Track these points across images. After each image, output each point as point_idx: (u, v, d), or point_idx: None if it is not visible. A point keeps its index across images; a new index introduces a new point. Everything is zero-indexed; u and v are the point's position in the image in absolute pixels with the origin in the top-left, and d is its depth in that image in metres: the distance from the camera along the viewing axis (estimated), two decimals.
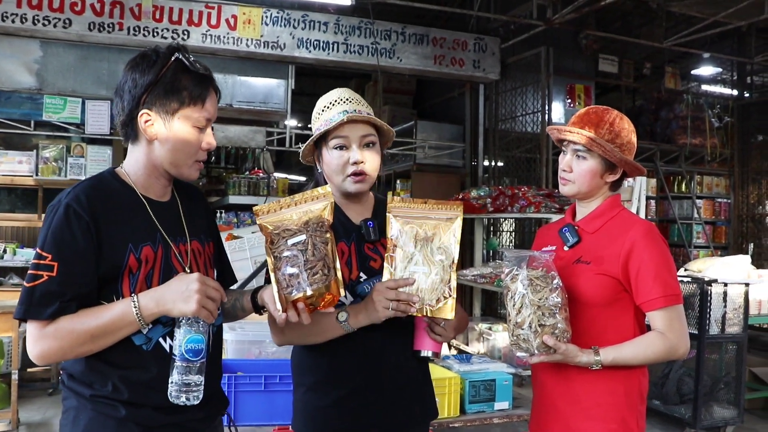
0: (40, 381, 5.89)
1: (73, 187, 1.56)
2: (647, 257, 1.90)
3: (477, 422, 3.32)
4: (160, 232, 1.61)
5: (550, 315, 1.81)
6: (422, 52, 7.59)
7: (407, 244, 1.79)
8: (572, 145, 2.02)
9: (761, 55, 8.74)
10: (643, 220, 2.04)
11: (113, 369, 1.53)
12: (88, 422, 1.53)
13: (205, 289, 1.48)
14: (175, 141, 1.59)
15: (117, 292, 1.53)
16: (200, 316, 1.48)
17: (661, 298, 1.88)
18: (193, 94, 1.59)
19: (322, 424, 1.90)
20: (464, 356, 3.73)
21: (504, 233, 8.32)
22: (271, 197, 7.42)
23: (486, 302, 8.19)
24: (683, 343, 1.90)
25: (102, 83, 6.85)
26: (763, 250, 9.45)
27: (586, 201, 2.08)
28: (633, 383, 1.96)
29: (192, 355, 1.49)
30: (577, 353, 1.85)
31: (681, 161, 9.36)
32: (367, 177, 1.90)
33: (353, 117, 1.86)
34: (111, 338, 1.49)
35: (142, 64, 1.59)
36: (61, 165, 7.11)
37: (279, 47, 6.99)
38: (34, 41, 6.57)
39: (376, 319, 1.75)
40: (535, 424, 2.12)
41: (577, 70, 8.59)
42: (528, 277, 1.84)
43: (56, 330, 1.45)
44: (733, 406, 5.16)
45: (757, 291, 5.55)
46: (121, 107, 1.61)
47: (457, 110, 9.09)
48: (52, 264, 1.46)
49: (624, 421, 1.93)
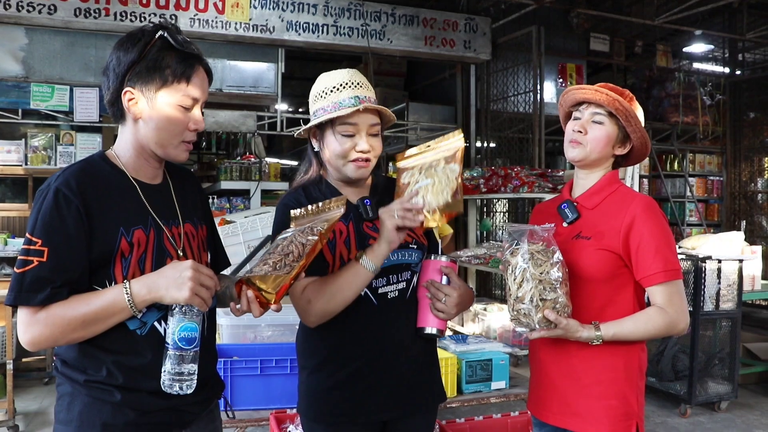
0: (35, 371, 5.87)
1: (62, 170, 1.53)
2: (647, 232, 1.89)
3: (474, 402, 3.33)
4: (151, 215, 1.59)
5: (551, 289, 1.80)
6: (413, 34, 7.53)
7: (413, 175, 1.85)
8: (593, 107, 1.98)
9: (753, 32, 8.71)
10: (643, 195, 2.01)
11: (107, 354, 1.51)
12: (83, 408, 1.52)
13: (199, 276, 1.46)
14: (158, 119, 1.57)
15: (109, 276, 1.50)
16: (193, 303, 1.45)
17: (661, 273, 1.87)
18: (176, 71, 1.56)
19: (326, 407, 1.89)
20: (460, 336, 3.73)
21: (497, 214, 8.31)
22: (263, 182, 7.39)
23: (480, 283, 8.21)
24: (683, 318, 1.89)
25: (90, 70, 6.77)
26: (755, 227, 9.49)
27: (588, 170, 2.05)
28: (633, 359, 1.95)
29: (185, 344, 1.47)
30: (578, 328, 1.84)
31: (673, 139, 9.36)
32: (370, 163, 1.89)
33: (369, 107, 1.85)
34: (103, 325, 1.46)
35: (127, 42, 1.57)
36: (51, 153, 7.05)
37: (268, 30, 6.93)
38: (19, 28, 6.48)
39: (391, 236, 1.73)
40: (534, 402, 2.11)
41: (569, 49, 8.57)
42: (529, 251, 1.83)
43: (47, 316, 1.43)
44: (727, 381, 5.19)
45: (751, 267, 5.58)
46: (107, 86, 1.59)
47: (449, 91, 9.05)
48: (42, 249, 1.43)
49: (624, 397, 1.92)
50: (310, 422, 1.94)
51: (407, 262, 1.92)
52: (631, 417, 1.93)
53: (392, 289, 1.89)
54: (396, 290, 1.90)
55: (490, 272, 7.59)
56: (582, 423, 1.94)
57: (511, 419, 3.39)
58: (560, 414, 1.99)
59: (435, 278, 1.88)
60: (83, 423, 1.51)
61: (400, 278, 1.90)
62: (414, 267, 1.94)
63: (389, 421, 1.93)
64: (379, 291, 1.87)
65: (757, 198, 9.70)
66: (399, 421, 1.94)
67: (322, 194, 1.93)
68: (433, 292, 1.86)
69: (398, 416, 1.92)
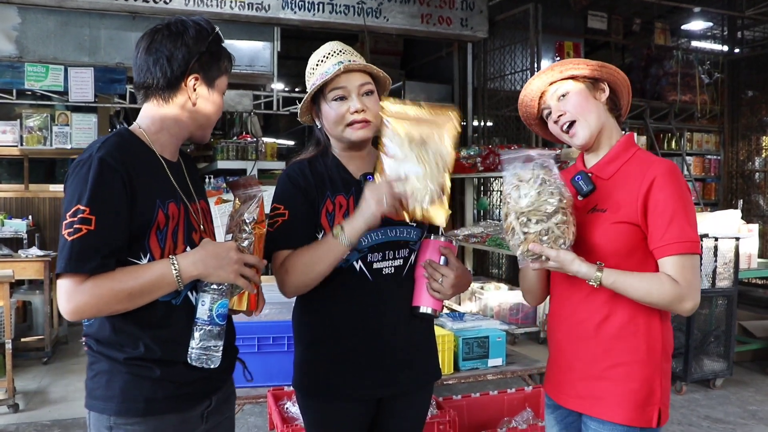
0: (34, 350, 5.89)
1: (98, 142, 1.55)
2: (663, 198, 1.74)
3: (471, 379, 3.35)
4: (178, 191, 1.66)
5: (539, 220, 1.70)
6: (409, 11, 7.48)
7: (402, 146, 1.75)
8: (549, 93, 1.91)
9: (752, 9, 8.64)
10: (663, 159, 1.83)
11: (142, 329, 1.56)
12: (123, 385, 1.55)
13: (243, 257, 1.57)
14: (215, 104, 1.71)
15: (144, 248, 1.55)
16: (238, 284, 1.57)
17: (674, 244, 1.72)
18: (226, 64, 1.72)
19: (320, 382, 1.89)
20: (457, 314, 3.74)
21: (494, 192, 8.31)
22: (259, 161, 7.37)
23: (477, 262, 8.23)
24: (692, 295, 1.72)
25: (84, 49, 6.72)
26: (752, 206, 9.49)
27: (602, 137, 1.90)
28: (655, 340, 1.81)
29: (221, 320, 1.56)
30: (573, 261, 1.72)
31: (671, 118, 9.33)
32: (370, 124, 1.87)
33: (349, 66, 1.84)
34: (147, 298, 1.51)
35: (192, 30, 1.64)
36: (46, 134, 7.03)
37: (263, 9, 6.87)
38: (12, 7, 6.43)
39: (371, 218, 1.72)
40: (551, 384, 2.00)
41: (566, 27, 8.51)
42: (515, 179, 1.73)
43: (93, 286, 1.45)
44: (722, 359, 5.23)
45: (747, 245, 5.59)
46: (165, 69, 1.62)
47: (446, 70, 9.01)
48: (90, 218, 1.45)
49: (646, 381, 1.79)
50: (304, 397, 1.95)
51: (405, 239, 1.91)
52: (653, 402, 1.79)
53: (387, 265, 1.88)
54: (392, 267, 1.89)
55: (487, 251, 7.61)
56: (600, 408, 1.82)
57: (507, 396, 3.42)
58: (577, 397, 1.87)
59: (433, 258, 1.88)
60: (126, 399, 1.55)
61: (396, 255, 1.90)
62: (412, 245, 1.93)
63: (384, 398, 1.93)
64: (374, 266, 1.87)
65: (755, 177, 9.69)
66: (394, 399, 1.94)
67: (326, 167, 1.92)
68: (431, 272, 1.86)
69: (393, 394, 1.93)
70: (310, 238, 1.84)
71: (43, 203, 7.22)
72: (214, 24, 1.72)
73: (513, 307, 6.38)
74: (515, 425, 3.22)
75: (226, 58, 1.72)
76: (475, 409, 3.33)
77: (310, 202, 1.86)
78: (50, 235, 7.11)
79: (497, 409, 3.38)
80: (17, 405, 4.57)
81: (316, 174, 1.89)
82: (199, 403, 1.67)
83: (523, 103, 2.00)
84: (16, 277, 5.27)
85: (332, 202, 1.87)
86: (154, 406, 1.56)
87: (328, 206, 1.86)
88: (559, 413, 1.98)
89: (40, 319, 6.08)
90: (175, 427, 1.61)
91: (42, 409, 4.62)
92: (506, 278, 7.87)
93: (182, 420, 1.63)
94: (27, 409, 4.61)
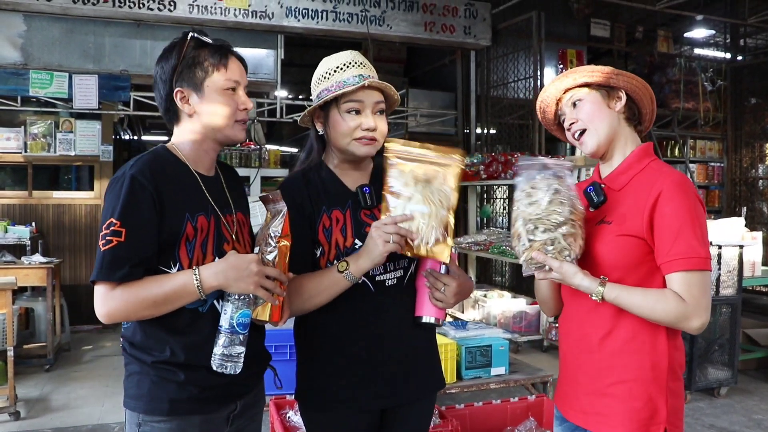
0: (36, 357, 5.88)
1: (134, 160, 1.68)
2: (670, 211, 1.68)
3: (474, 388, 3.34)
4: (210, 204, 1.74)
5: (546, 230, 1.68)
6: (412, 19, 7.50)
7: (407, 185, 1.78)
8: (565, 99, 1.90)
9: (755, 17, 8.64)
10: (674, 171, 1.77)
11: (170, 334, 1.66)
12: (151, 386, 1.67)
13: (264, 270, 1.61)
14: (211, 106, 1.74)
15: (174, 258, 1.65)
16: (259, 294, 1.61)
17: (681, 260, 1.65)
18: (213, 61, 1.73)
19: (322, 393, 1.88)
20: (460, 323, 3.73)
21: (498, 200, 8.31)
22: (263, 169, 7.38)
23: (481, 270, 8.21)
24: (699, 314, 1.66)
25: (89, 57, 6.75)
26: (756, 213, 9.47)
27: (615, 147, 1.86)
28: (661, 358, 1.75)
29: (242, 329, 1.61)
30: (576, 274, 1.69)
31: (674, 125, 9.33)
32: (376, 143, 1.88)
33: (372, 83, 1.85)
34: (171, 306, 1.61)
35: (165, 53, 1.76)
36: (50, 141, 7.06)
37: (267, 16, 6.89)
38: (17, 15, 6.46)
39: (378, 257, 1.73)
40: (559, 397, 1.97)
41: (569, 35, 8.53)
42: (526, 186, 1.72)
43: (123, 293, 1.58)
44: (727, 367, 5.20)
45: (751, 253, 5.58)
46: (160, 96, 1.77)
47: (449, 78, 9.02)
48: (121, 230, 1.58)
49: (650, 399, 1.74)
50: (306, 409, 1.94)
51: None
52: (658, 422, 1.74)
53: (390, 277, 1.88)
54: (394, 278, 1.88)
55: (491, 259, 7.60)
56: (602, 425, 1.79)
57: (510, 405, 3.40)
58: (582, 413, 1.85)
59: (434, 267, 1.87)
60: (153, 399, 1.66)
61: (397, 266, 1.89)
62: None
63: (387, 409, 1.92)
64: (377, 279, 1.86)
65: (758, 184, 9.68)
66: (397, 409, 1.93)
67: (321, 180, 1.92)
68: (432, 282, 1.85)
69: (396, 404, 1.91)
70: (309, 255, 1.85)
71: (46, 210, 7.23)
72: (203, 31, 1.77)
73: (516, 315, 6.36)
74: None
75: (209, 56, 1.74)
76: (478, 418, 3.32)
77: (307, 218, 1.86)
78: (53, 242, 7.12)
79: (500, 419, 3.36)
80: (19, 413, 4.56)
81: (311, 187, 1.89)
82: (223, 406, 1.75)
83: (540, 108, 1.99)
84: (19, 283, 5.27)
85: (329, 217, 1.86)
86: (178, 407, 1.66)
87: (324, 221, 1.86)
88: (567, 426, 1.96)
89: (43, 326, 6.08)
90: (199, 427, 1.70)
91: (43, 417, 4.61)
92: (509, 286, 7.85)
93: (206, 420, 1.71)
94: (28, 417, 4.60)
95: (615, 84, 1.84)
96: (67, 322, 6.39)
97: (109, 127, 7.41)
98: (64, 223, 7.21)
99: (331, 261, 1.84)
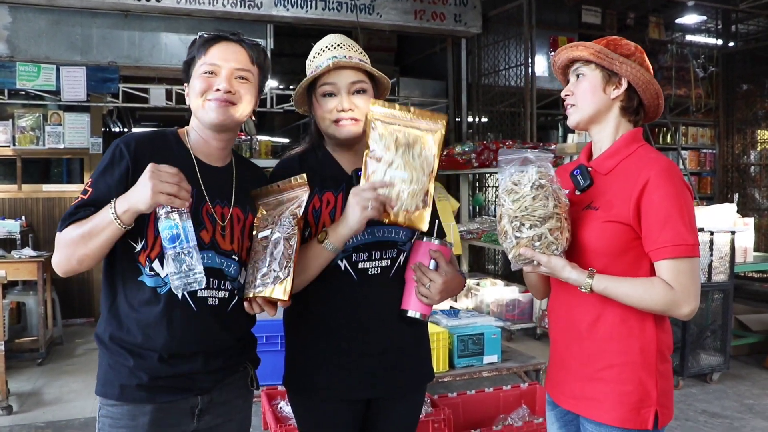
0: (28, 352, 5.86)
1: (138, 132, 1.75)
2: (657, 198, 1.69)
3: (466, 376, 3.34)
4: (199, 189, 1.71)
5: (532, 225, 1.67)
6: (402, 7, 7.45)
7: (388, 148, 1.75)
8: (573, 67, 1.88)
9: (746, 2, 8.63)
10: (662, 158, 1.78)
11: (131, 310, 1.67)
12: (106, 369, 1.70)
13: (159, 174, 1.53)
14: (189, 91, 1.78)
15: (142, 234, 1.65)
16: (160, 201, 1.52)
17: (669, 247, 1.67)
18: (197, 51, 1.77)
19: (308, 380, 1.87)
20: (452, 311, 3.72)
21: (489, 188, 8.29)
22: (254, 159, 7.34)
23: (473, 258, 8.21)
24: (689, 301, 1.67)
25: (76, 48, 6.69)
26: (747, 199, 9.50)
27: (595, 126, 1.87)
28: (650, 341, 1.77)
29: (170, 242, 1.53)
30: (564, 267, 1.70)
31: (666, 112, 9.32)
32: (358, 122, 1.83)
33: (340, 63, 1.81)
34: (97, 239, 1.57)
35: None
36: (39, 134, 6.99)
37: (256, 6, 6.84)
38: (3, 6, 6.39)
39: (355, 224, 1.70)
40: (550, 384, 1.99)
41: (560, 22, 8.50)
42: (509, 182, 1.71)
43: (61, 238, 1.61)
44: (719, 353, 5.22)
45: (743, 239, 5.59)
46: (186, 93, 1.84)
47: (440, 66, 8.99)
48: (88, 189, 1.66)
49: (640, 383, 1.76)
50: (294, 395, 1.94)
51: (393, 239, 1.88)
52: (648, 404, 1.76)
53: (374, 266, 1.85)
54: (378, 267, 1.86)
55: (483, 247, 7.60)
56: (593, 409, 1.80)
57: (503, 393, 3.40)
58: (573, 398, 1.86)
59: (423, 261, 1.84)
60: (106, 382, 1.70)
61: (384, 255, 1.87)
62: (401, 245, 1.90)
63: (374, 400, 1.91)
64: (359, 266, 1.84)
65: (750, 170, 9.70)
66: (384, 401, 1.91)
67: (317, 161, 1.90)
68: (419, 276, 1.82)
69: (380, 396, 1.90)
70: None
71: (36, 204, 7.17)
72: (214, 26, 1.78)
73: (509, 303, 6.36)
74: (511, 422, 3.20)
75: (196, 50, 1.78)
76: (471, 406, 3.32)
77: None
78: (44, 235, 7.06)
79: (493, 407, 3.37)
80: (11, 407, 4.54)
81: (306, 169, 1.85)
82: (180, 399, 1.71)
83: (554, 63, 1.97)
84: (10, 278, 5.24)
85: (319, 199, 1.84)
86: (127, 393, 1.67)
87: (314, 203, 1.84)
88: (559, 411, 1.97)
89: (34, 320, 6.04)
90: (152, 415, 1.68)
91: (36, 411, 4.59)
92: (502, 274, 7.86)
93: (160, 410, 1.69)
94: (21, 411, 4.58)
95: (618, 71, 1.82)
96: (59, 315, 6.35)
97: (98, 119, 7.35)
98: (55, 217, 7.15)
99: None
